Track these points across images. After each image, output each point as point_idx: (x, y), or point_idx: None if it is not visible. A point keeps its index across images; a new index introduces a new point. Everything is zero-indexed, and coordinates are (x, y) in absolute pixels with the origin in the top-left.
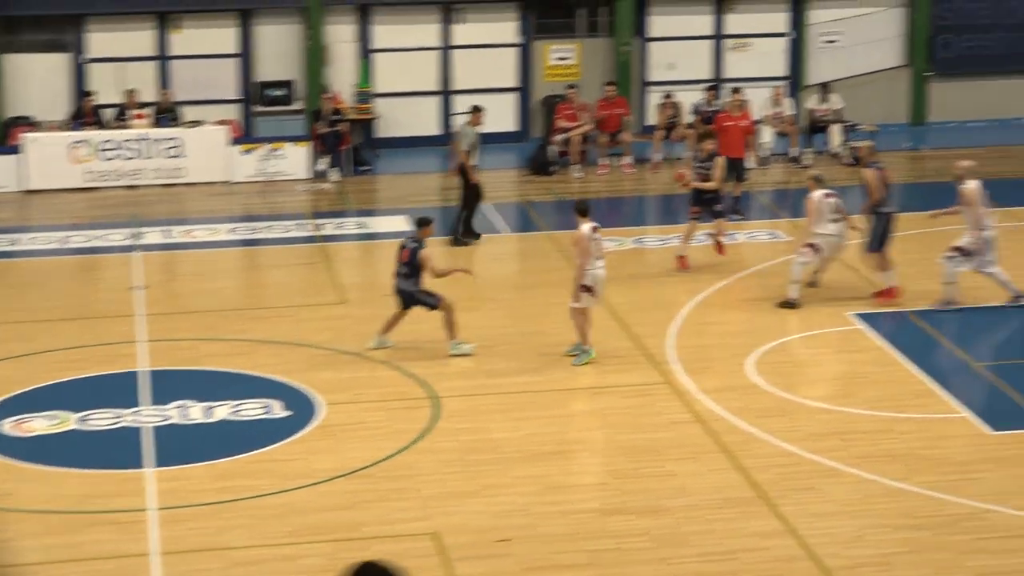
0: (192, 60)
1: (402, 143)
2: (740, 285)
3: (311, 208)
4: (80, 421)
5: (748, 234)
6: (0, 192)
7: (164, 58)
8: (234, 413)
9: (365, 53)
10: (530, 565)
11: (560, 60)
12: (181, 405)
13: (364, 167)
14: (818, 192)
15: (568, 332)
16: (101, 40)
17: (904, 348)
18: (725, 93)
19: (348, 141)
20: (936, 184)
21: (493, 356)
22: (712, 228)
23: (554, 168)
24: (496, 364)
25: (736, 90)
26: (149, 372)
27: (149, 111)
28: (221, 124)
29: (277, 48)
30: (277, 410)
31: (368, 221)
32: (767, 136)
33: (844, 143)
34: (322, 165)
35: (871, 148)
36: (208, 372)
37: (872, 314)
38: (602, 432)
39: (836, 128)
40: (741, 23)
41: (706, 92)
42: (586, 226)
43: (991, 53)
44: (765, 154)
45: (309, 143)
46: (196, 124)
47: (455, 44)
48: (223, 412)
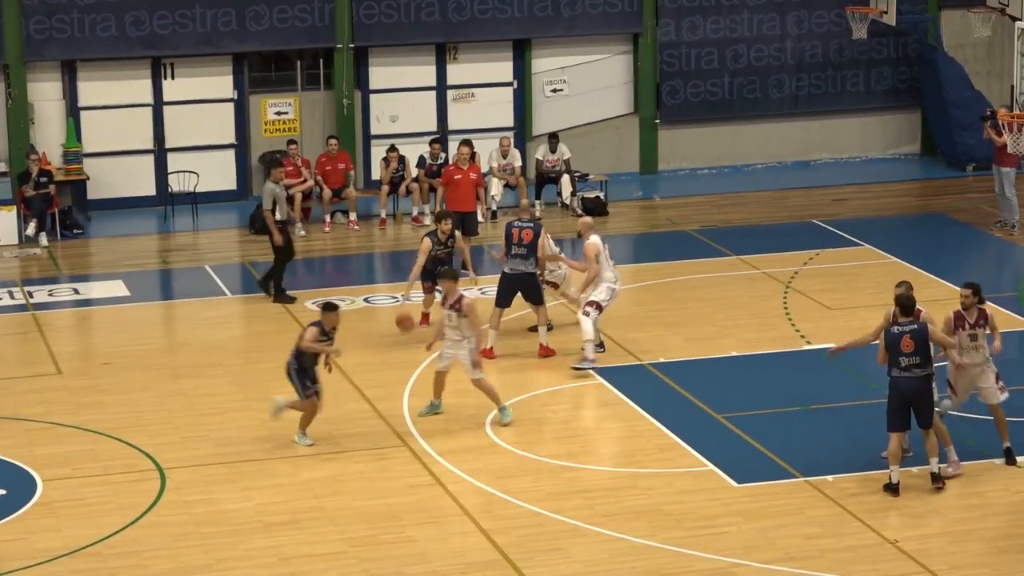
0: None
1: (115, 204)
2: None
3: (21, 275)
4: None
5: (481, 290)
6: None
7: None
8: None
9: (73, 111)
10: None
11: (278, 115)
12: None
13: (76, 230)
14: (595, 236)
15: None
16: None
17: (645, 402)
18: (452, 145)
19: (57, 203)
20: (668, 233)
21: (219, 423)
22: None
23: None
24: (223, 432)
25: (465, 142)
26: None
27: None
28: None
29: None
30: None
31: (82, 287)
32: (496, 189)
33: (574, 194)
34: (31, 230)
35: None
36: None
37: (613, 368)
38: (337, 499)
39: (566, 179)
40: (465, 73)
41: (431, 145)
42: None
43: (719, 99)
44: (494, 207)
45: (15, 207)
46: None
47: (167, 100)
48: None
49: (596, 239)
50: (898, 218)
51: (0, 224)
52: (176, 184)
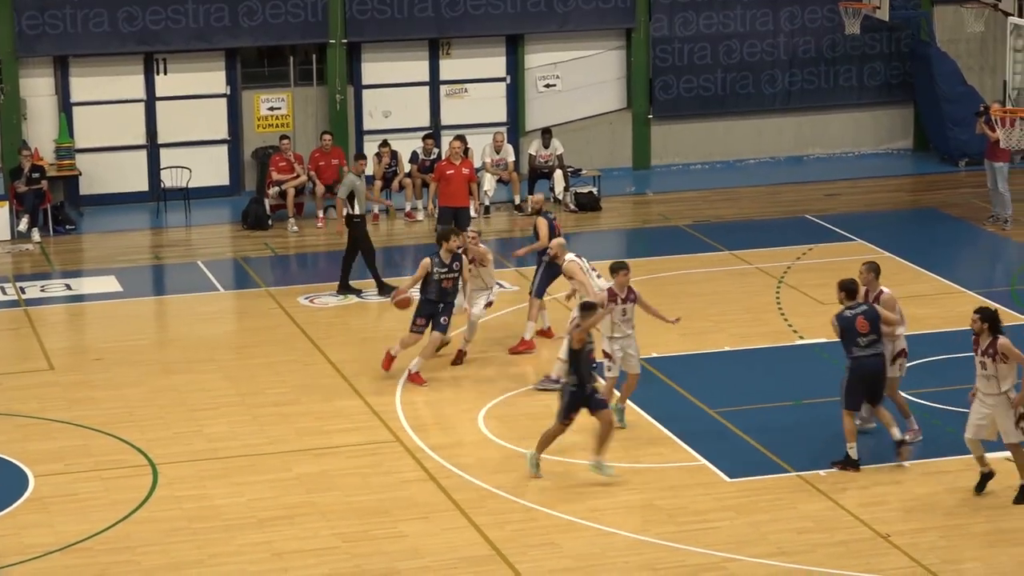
0: None
1: (108, 200)
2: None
3: (13, 271)
4: None
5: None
6: None
7: None
8: None
9: (65, 107)
10: None
11: (271, 110)
12: None
13: (68, 226)
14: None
15: (291, 389)
16: None
17: (638, 396)
18: (445, 140)
19: (50, 199)
20: (661, 228)
21: (212, 419)
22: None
23: (269, 222)
24: (216, 427)
25: (458, 138)
26: None
27: None
28: None
29: None
30: None
31: (74, 282)
32: (489, 184)
33: (567, 189)
34: (23, 226)
35: (541, 200)
36: None
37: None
38: (330, 494)
39: (559, 174)
40: (458, 68)
41: (424, 140)
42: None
43: (711, 94)
44: (487, 202)
45: (7, 203)
46: None
47: (160, 95)
48: None
49: (572, 257)
50: (891, 213)
51: None
52: (169, 180)
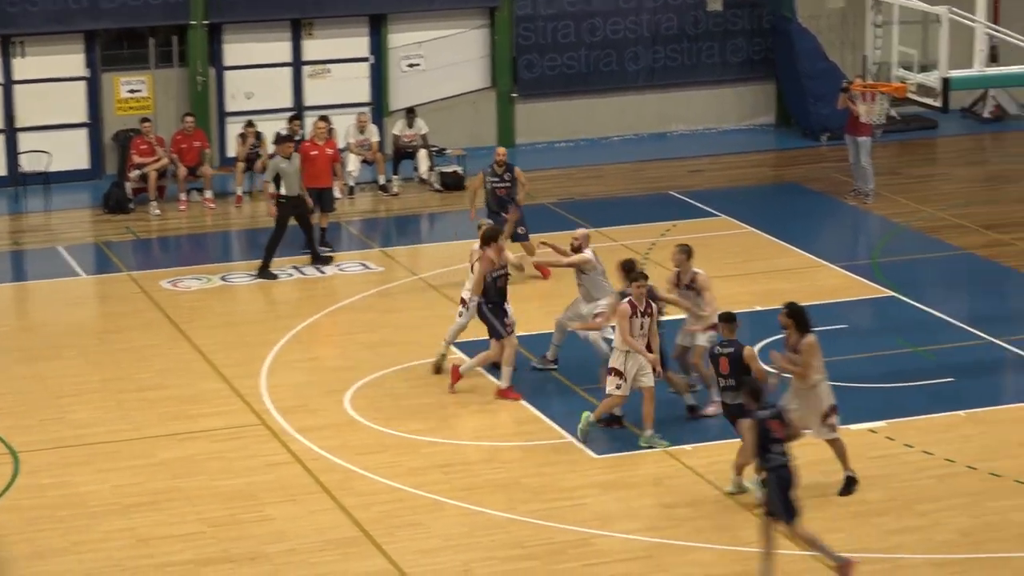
0: None
1: None
2: (331, 319)
3: None
4: None
5: (338, 266)
6: None
7: None
8: None
9: None
10: None
11: (132, 93)
12: None
13: None
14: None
15: (155, 374)
16: None
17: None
18: (309, 121)
19: None
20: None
21: (75, 405)
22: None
23: (131, 206)
24: (78, 414)
25: (323, 118)
26: None
27: None
28: None
29: None
30: None
31: None
32: (353, 164)
33: (431, 169)
34: None
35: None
36: None
37: (471, 343)
38: (195, 479)
39: (423, 153)
40: (320, 49)
41: (289, 122)
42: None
43: (575, 72)
44: (351, 183)
45: None
46: None
47: (17, 79)
48: None
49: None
50: (754, 188)
51: None
52: (27, 164)
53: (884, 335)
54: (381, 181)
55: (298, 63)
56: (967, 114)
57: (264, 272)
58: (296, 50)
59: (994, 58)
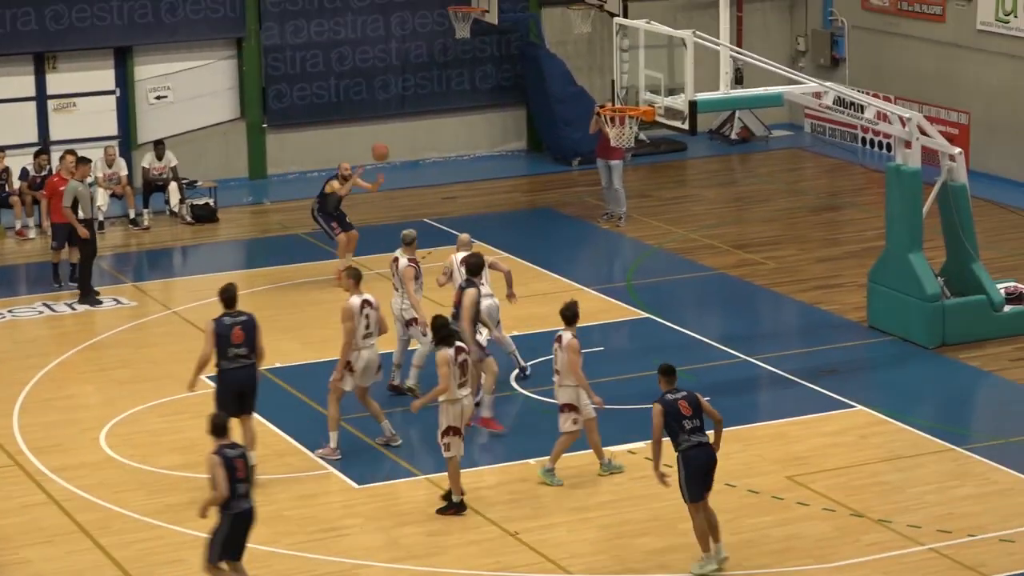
0: None
1: None
2: (84, 356)
3: None
4: None
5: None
6: None
7: None
8: None
9: None
10: None
11: None
12: None
13: None
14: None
15: None
16: None
17: (263, 408)
18: (56, 156)
19: None
20: (280, 238)
21: None
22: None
23: None
24: None
25: (70, 152)
26: None
27: None
28: None
29: None
30: None
31: None
32: (102, 199)
33: (183, 201)
34: None
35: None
36: None
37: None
38: None
39: (174, 186)
40: (65, 82)
41: (35, 157)
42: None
43: (325, 101)
44: (100, 217)
45: None
46: None
47: None
48: None
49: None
50: (508, 214)
51: None
52: None
53: (641, 356)
54: (131, 215)
55: (42, 97)
56: (715, 136)
57: (87, 296)
58: (40, 84)
59: (739, 80)
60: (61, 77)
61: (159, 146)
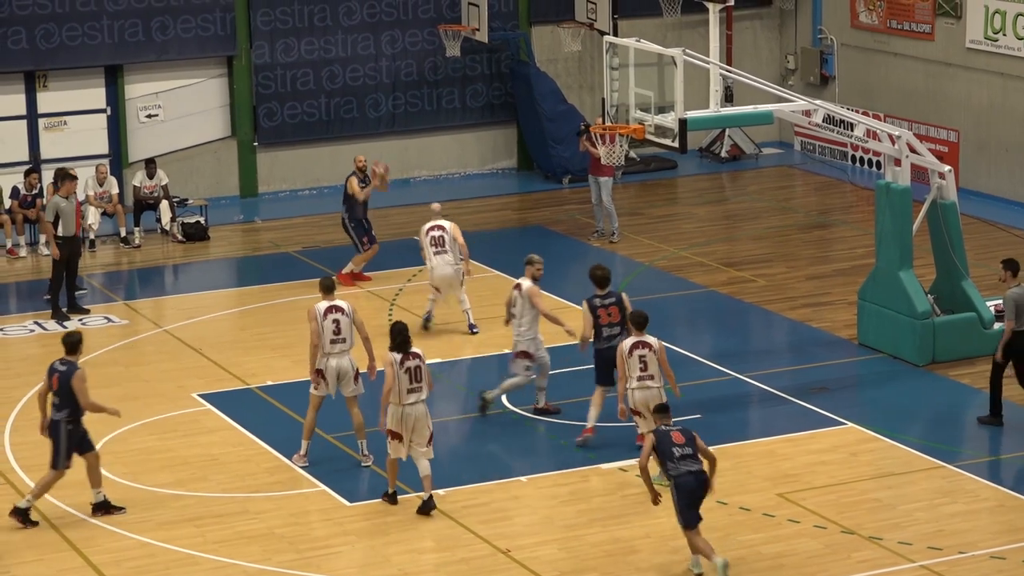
0: None
1: None
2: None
3: None
4: None
5: (80, 320)
6: None
7: None
8: None
9: None
10: None
11: None
12: None
13: None
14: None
15: None
16: None
17: (254, 425)
18: (47, 175)
19: None
20: (271, 256)
21: None
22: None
23: None
24: None
25: (62, 169)
26: None
27: None
28: None
29: None
30: None
31: None
32: (93, 217)
33: (174, 219)
34: None
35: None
36: None
37: (220, 393)
38: None
39: (165, 204)
40: (56, 101)
41: (26, 176)
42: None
43: (316, 120)
44: (91, 236)
45: None
46: None
47: None
48: None
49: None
50: (498, 232)
51: None
52: None
53: None
54: (123, 233)
55: (33, 116)
56: (705, 154)
57: (58, 313)
58: (31, 103)
59: (729, 98)
60: (52, 96)
61: (150, 164)
